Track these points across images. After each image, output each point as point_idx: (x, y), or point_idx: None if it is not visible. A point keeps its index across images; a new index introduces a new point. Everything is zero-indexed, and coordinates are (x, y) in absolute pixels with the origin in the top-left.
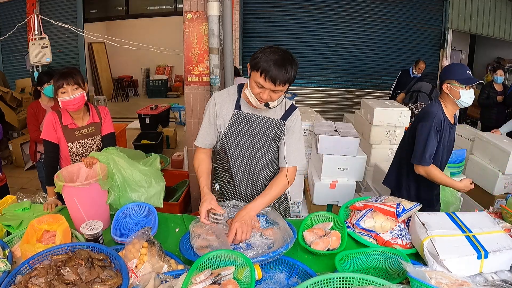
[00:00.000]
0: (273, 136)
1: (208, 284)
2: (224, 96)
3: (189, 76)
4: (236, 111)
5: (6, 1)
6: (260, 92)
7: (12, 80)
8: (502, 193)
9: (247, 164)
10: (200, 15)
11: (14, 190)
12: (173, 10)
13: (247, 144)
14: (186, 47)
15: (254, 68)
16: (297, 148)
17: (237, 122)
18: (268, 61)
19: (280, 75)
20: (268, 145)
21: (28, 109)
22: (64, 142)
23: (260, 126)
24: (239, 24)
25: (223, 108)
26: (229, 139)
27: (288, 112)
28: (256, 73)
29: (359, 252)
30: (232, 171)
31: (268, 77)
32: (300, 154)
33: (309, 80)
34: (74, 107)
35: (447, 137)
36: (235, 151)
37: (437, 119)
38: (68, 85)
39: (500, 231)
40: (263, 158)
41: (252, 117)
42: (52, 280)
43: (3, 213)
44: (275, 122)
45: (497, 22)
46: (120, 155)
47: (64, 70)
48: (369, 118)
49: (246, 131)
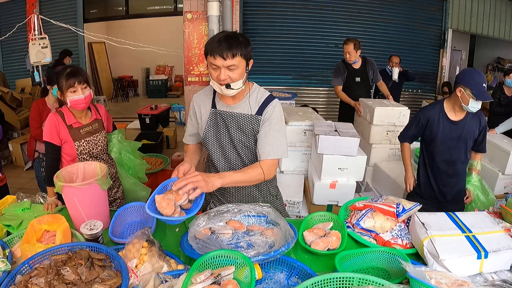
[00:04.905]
0: (250, 131)
1: (208, 284)
2: (202, 96)
3: (189, 76)
4: (212, 110)
5: (6, 1)
6: (217, 74)
7: (12, 80)
8: (502, 193)
9: (229, 161)
10: (200, 15)
11: (14, 190)
12: (173, 10)
13: (226, 141)
14: (186, 47)
15: (206, 55)
16: (275, 138)
17: (214, 120)
18: (213, 41)
19: (225, 48)
20: (247, 141)
21: (33, 104)
22: (70, 142)
23: (236, 123)
24: (239, 24)
25: (201, 108)
26: (209, 137)
27: (263, 105)
28: (208, 56)
29: (359, 252)
30: (217, 168)
31: (215, 53)
32: (278, 146)
33: (309, 80)
34: (83, 106)
35: (447, 133)
36: (216, 149)
37: (425, 112)
38: (79, 84)
39: (500, 231)
40: (244, 153)
41: (227, 114)
42: (52, 280)
43: (3, 213)
44: (250, 117)
45: (497, 22)
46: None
47: (70, 69)
48: (369, 118)
49: (223, 128)
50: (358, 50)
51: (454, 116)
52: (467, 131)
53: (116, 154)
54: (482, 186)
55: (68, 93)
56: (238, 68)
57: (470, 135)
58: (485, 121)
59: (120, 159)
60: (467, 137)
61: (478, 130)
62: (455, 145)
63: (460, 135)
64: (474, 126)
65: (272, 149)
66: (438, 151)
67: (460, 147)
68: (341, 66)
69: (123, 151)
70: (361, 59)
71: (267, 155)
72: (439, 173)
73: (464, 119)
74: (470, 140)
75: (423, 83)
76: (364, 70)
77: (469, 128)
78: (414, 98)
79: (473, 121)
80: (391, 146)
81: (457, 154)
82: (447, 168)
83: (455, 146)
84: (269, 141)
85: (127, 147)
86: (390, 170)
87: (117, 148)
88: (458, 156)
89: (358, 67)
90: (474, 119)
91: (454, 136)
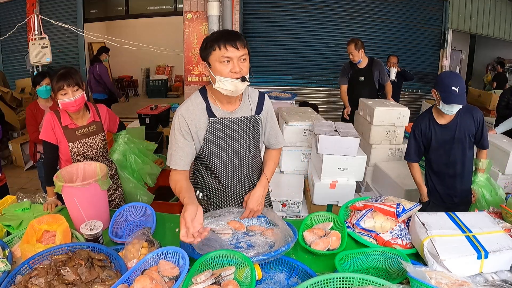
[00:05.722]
0: (252, 133)
1: (209, 285)
2: (191, 109)
3: (189, 76)
4: (212, 119)
5: (6, 1)
6: (231, 67)
7: (12, 80)
8: None
9: (232, 166)
10: (200, 15)
11: (14, 190)
12: (173, 10)
13: (229, 148)
14: (186, 47)
15: (210, 52)
16: (278, 129)
17: (215, 129)
18: (216, 37)
19: (236, 37)
20: (251, 143)
21: (27, 110)
22: (65, 143)
23: (238, 128)
24: (239, 24)
25: (194, 121)
26: (210, 146)
27: (259, 104)
28: (215, 51)
29: (359, 252)
30: (218, 176)
31: (228, 44)
32: (281, 135)
33: (309, 80)
34: (75, 109)
35: (439, 137)
36: (219, 157)
37: (417, 123)
38: (69, 86)
39: (500, 231)
40: (247, 156)
41: (228, 121)
42: (52, 280)
43: (3, 213)
44: (251, 119)
45: (497, 22)
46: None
47: (62, 70)
48: (369, 118)
49: (226, 135)
50: (360, 50)
51: (443, 120)
52: (460, 131)
53: (120, 155)
54: (490, 185)
55: (59, 95)
56: (246, 60)
57: (465, 134)
58: (481, 116)
59: (124, 161)
60: (461, 137)
61: (475, 127)
62: (450, 147)
63: (453, 136)
64: (469, 124)
65: (282, 138)
66: (435, 156)
67: (457, 148)
68: (347, 66)
69: (128, 153)
70: (368, 59)
71: (280, 144)
72: (441, 175)
73: (455, 120)
74: (466, 139)
75: (423, 83)
76: (369, 70)
77: (462, 128)
78: (414, 98)
79: (466, 119)
80: (391, 146)
81: (454, 155)
82: (447, 169)
83: (451, 148)
84: (277, 132)
85: (134, 149)
86: (390, 170)
87: (121, 150)
88: (456, 156)
89: (363, 66)
90: (466, 117)
91: (447, 139)
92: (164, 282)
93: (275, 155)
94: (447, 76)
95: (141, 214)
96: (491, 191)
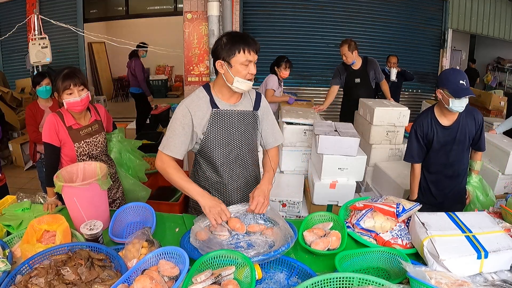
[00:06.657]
0: (251, 127)
1: (209, 284)
2: (195, 101)
3: (189, 76)
4: (214, 110)
5: (6, 1)
6: (249, 69)
7: (12, 80)
8: (502, 193)
9: (232, 159)
10: (200, 15)
11: (14, 190)
12: (173, 10)
13: (230, 139)
14: (186, 47)
15: (234, 53)
16: (276, 126)
17: (217, 120)
18: (239, 40)
19: (255, 42)
20: (250, 136)
21: (26, 110)
22: (70, 144)
23: (239, 120)
24: (239, 24)
25: (198, 113)
26: (211, 138)
27: (257, 101)
28: (240, 54)
29: (359, 252)
30: (218, 168)
31: (251, 48)
32: (280, 132)
33: (309, 80)
34: (80, 108)
35: (440, 138)
36: (219, 148)
37: (419, 123)
38: (75, 86)
39: (500, 231)
40: (247, 149)
41: (230, 113)
42: (52, 280)
43: (3, 213)
44: (251, 113)
45: (497, 22)
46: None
47: (67, 70)
48: (369, 118)
49: (226, 127)
50: (354, 51)
51: (446, 121)
52: (462, 133)
53: (116, 154)
54: (482, 187)
55: (65, 95)
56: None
57: (466, 136)
58: (481, 119)
59: (120, 159)
60: (462, 138)
61: (475, 129)
62: (451, 148)
63: (454, 138)
64: (470, 125)
65: (280, 135)
66: (435, 156)
67: (457, 150)
68: (340, 68)
69: (123, 151)
70: (362, 59)
71: (278, 141)
72: (438, 176)
73: (457, 121)
74: (467, 141)
75: (423, 83)
76: (364, 70)
77: (464, 129)
78: (414, 98)
79: (468, 121)
80: (391, 146)
81: (454, 156)
82: (446, 170)
83: (451, 149)
84: (275, 130)
85: (127, 147)
86: (390, 170)
87: (117, 148)
88: (456, 158)
89: (358, 68)
90: (468, 119)
91: (448, 141)
92: (164, 282)
93: (275, 154)
94: (451, 73)
95: (141, 214)
96: (483, 192)
